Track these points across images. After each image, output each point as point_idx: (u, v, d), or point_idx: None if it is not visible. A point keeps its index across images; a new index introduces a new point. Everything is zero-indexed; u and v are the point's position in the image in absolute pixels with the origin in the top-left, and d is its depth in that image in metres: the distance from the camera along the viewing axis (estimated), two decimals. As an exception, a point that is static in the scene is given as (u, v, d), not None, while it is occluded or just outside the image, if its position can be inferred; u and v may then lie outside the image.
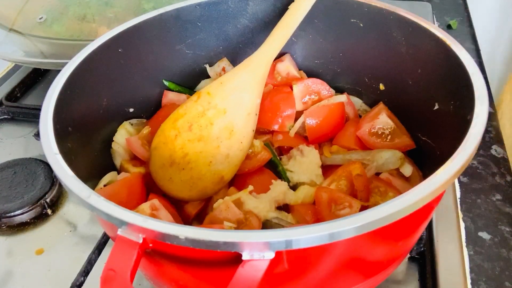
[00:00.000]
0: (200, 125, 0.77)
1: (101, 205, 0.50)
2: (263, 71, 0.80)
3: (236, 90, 0.78)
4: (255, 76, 0.79)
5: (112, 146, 0.80)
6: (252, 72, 0.79)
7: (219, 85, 0.79)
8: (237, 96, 0.78)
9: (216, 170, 0.76)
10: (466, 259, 0.78)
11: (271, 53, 0.80)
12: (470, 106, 0.60)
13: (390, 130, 0.80)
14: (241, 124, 0.78)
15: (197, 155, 0.76)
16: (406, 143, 0.78)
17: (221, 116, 0.77)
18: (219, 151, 0.76)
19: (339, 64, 0.90)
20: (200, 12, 0.86)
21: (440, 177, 0.50)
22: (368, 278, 0.62)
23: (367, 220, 0.46)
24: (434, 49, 0.72)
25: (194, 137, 0.76)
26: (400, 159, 0.76)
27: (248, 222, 0.68)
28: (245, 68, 0.80)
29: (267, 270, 0.46)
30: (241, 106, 0.78)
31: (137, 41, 0.81)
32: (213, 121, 0.77)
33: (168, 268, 0.55)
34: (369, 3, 0.80)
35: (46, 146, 0.58)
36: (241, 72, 0.79)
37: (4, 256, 0.84)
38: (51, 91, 0.66)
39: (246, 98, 0.78)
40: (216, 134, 0.77)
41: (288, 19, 0.81)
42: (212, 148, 0.76)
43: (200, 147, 0.76)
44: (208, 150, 0.76)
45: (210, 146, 0.76)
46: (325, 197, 0.68)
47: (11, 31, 1.13)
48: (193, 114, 0.78)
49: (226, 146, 0.77)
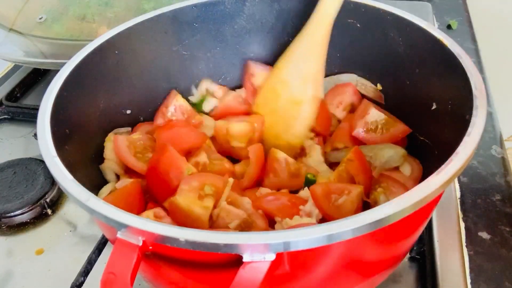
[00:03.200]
0: (272, 99, 0.83)
1: (100, 208, 0.50)
2: (321, 34, 0.79)
3: (294, 59, 0.81)
4: (311, 40, 0.79)
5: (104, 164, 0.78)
6: (308, 37, 0.79)
7: (283, 57, 0.83)
8: (295, 65, 0.81)
9: (283, 139, 0.82)
10: (466, 259, 0.78)
11: (328, 12, 0.78)
12: (468, 105, 0.60)
13: (383, 121, 0.81)
14: (300, 93, 0.80)
15: (269, 128, 0.83)
16: (402, 129, 0.80)
17: (285, 88, 0.81)
18: (284, 121, 0.82)
19: (336, 64, 0.90)
20: (197, 13, 0.86)
21: (439, 177, 0.50)
22: (368, 278, 0.62)
23: (366, 222, 0.46)
24: (431, 49, 0.72)
25: (267, 111, 0.83)
26: (402, 156, 0.76)
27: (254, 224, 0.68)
28: (302, 34, 0.80)
29: (268, 272, 0.46)
30: (299, 75, 0.80)
31: (133, 43, 0.81)
32: (280, 94, 0.82)
33: (168, 271, 0.55)
34: (366, 4, 0.81)
35: (44, 148, 0.58)
36: (299, 39, 0.81)
37: (4, 256, 0.84)
38: (48, 93, 0.66)
39: (302, 66, 0.80)
40: (282, 105, 0.81)
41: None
42: (279, 119, 0.82)
43: (272, 121, 0.83)
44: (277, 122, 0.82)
45: (278, 117, 0.82)
46: (319, 191, 0.69)
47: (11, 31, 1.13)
48: (267, 90, 0.84)
49: (289, 115, 0.81)
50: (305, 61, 0.80)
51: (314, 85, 0.81)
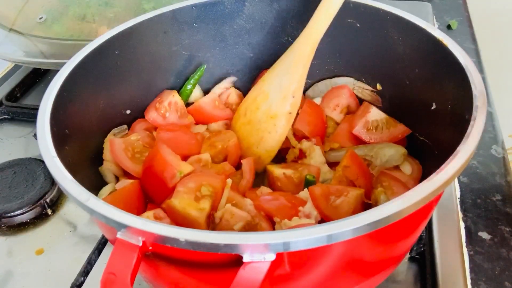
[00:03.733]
0: (251, 110, 0.83)
1: (100, 208, 0.49)
2: (306, 51, 0.79)
3: (279, 73, 0.81)
4: (296, 56, 0.79)
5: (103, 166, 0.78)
6: (294, 53, 0.80)
7: (270, 70, 0.83)
8: (278, 79, 0.80)
9: (254, 151, 0.82)
10: (466, 259, 0.78)
11: (315, 31, 0.78)
12: (468, 105, 0.60)
13: (384, 121, 0.81)
14: (277, 107, 0.80)
15: (243, 138, 0.84)
16: (402, 130, 0.80)
17: (265, 100, 0.81)
18: (258, 133, 0.82)
19: (336, 64, 0.90)
20: (196, 13, 0.86)
21: (439, 177, 0.50)
22: (368, 278, 0.62)
23: (366, 222, 0.46)
24: (431, 49, 0.72)
25: (245, 121, 0.84)
26: (403, 155, 0.76)
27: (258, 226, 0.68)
28: (289, 50, 0.81)
29: (268, 272, 0.46)
30: (280, 89, 0.80)
31: (133, 43, 0.81)
32: (259, 106, 0.82)
33: (168, 271, 0.55)
34: (366, 3, 0.80)
35: (44, 149, 0.58)
36: (286, 55, 0.81)
37: (4, 256, 0.84)
38: (47, 93, 0.66)
39: (284, 81, 0.79)
40: (259, 117, 0.82)
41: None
42: (254, 131, 0.82)
43: (247, 131, 0.83)
44: (251, 133, 0.83)
45: (253, 129, 0.83)
46: (318, 192, 0.69)
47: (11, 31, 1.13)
48: (249, 100, 0.85)
49: (263, 129, 0.81)
50: (287, 77, 0.79)
51: (291, 102, 0.79)
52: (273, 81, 0.81)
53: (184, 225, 0.65)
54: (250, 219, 0.68)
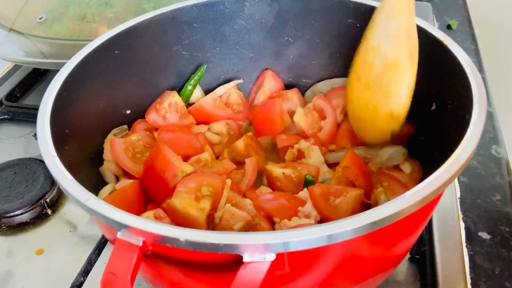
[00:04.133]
0: (365, 72, 0.75)
1: (100, 208, 0.49)
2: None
3: (381, 21, 0.74)
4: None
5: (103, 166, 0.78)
6: None
7: (370, 23, 0.75)
8: (383, 27, 0.73)
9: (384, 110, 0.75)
10: (466, 259, 0.78)
11: None
12: (468, 106, 0.60)
13: None
14: (394, 53, 0.72)
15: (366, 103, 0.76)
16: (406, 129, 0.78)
17: (377, 55, 0.74)
18: (382, 90, 0.74)
19: (336, 64, 0.90)
20: (196, 13, 0.86)
21: (439, 177, 0.50)
22: (368, 278, 0.62)
23: (366, 222, 0.46)
24: (431, 49, 0.72)
25: (363, 85, 0.76)
26: (403, 155, 0.76)
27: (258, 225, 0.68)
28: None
29: (268, 272, 0.46)
30: (388, 35, 0.72)
31: (133, 43, 0.81)
32: (372, 64, 0.74)
33: (168, 271, 0.55)
34: (366, 3, 0.80)
35: (44, 149, 0.58)
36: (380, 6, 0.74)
37: (4, 256, 0.84)
38: (47, 93, 0.66)
39: (391, 24, 0.72)
40: (377, 75, 0.74)
41: None
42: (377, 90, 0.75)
43: (369, 94, 0.76)
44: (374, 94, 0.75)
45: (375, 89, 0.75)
46: (317, 192, 0.69)
47: (11, 31, 1.13)
48: (358, 64, 0.77)
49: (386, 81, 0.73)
50: (394, 18, 0.72)
51: (408, 41, 0.72)
52: (377, 32, 0.74)
53: (184, 225, 0.65)
54: (250, 219, 0.68)
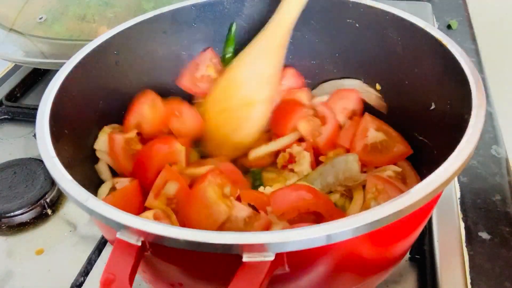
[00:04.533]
0: (225, 98, 0.79)
1: (100, 208, 0.49)
2: (280, 35, 0.77)
3: (251, 59, 0.78)
4: (269, 41, 0.77)
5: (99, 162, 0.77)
6: (267, 38, 0.78)
7: (239, 57, 0.80)
8: (251, 66, 0.78)
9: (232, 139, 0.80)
10: (466, 259, 0.78)
11: (289, 14, 0.77)
12: (467, 105, 0.60)
13: (383, 143, 0.78)
14: (254, 94, 0.77)
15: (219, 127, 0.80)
16: (402, 151, 0.77)
17: (239, 87, 0.78)
18: (235, 121, 0.79)
19: (335, 64, 0.90)
20: (195, 13, 0.86)
21: (438, 177, 0.50)
22: (367, 278, 0.62)
23: (366, 222, 0.46)
24: (430, 49, 0.72)
25: (220, 109, 0.80)
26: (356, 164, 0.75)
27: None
28: (260, 35, 0.79)
29: (267, 272, 0.46)
30: (254, 75, 0.78)
31: (132, 43, 0.81)
32: (233, 94, 0.78)
33: (168, 271, 0.55)
34: (365, 3, 0.80)
35: (43, 149, 0.58)
36: (256, 40, 0.79)
37: (4, 256, 0.84)
38: (47, 93, 0.66)
39: (258, 67, 0.78)
40: (234, 105, 0.78)
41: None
42: (230, 119, 0.79)
43: (223, 119, 0.79)
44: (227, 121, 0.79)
45: (230, 117, 0.79)
46: None
47: (11, 31, 1.13)
48: (221, 88, 0.80)
49: (240, 116, 0.78)
50: (262, 62, 0.77)
51: (269, 87, 0.78)
52: (246, 67, 0.79)
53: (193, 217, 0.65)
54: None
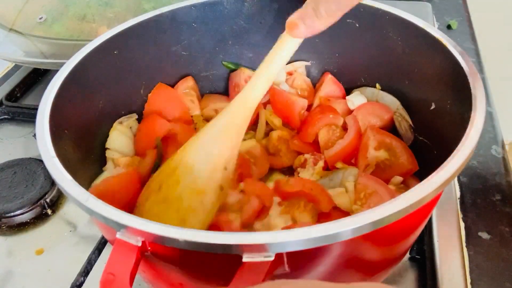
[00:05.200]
0: (169, 185, 0.68)
1: (99, 208, 0.49)
2: (242, 116, 0.70)
3: (207, 141, 0.69)
4: (230, 121, 0.69)
5: (106, 155, 0.77)
6: (226, 117, 0.70)
7: (195, 137, 0.70)
8: (206, 149, 0.69)
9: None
10: (466, 259, 0.78)
11: (252, 96, 0.69)
12: (467, 105, 0.60)
13: (385, 162, 0.76)
14: (205, 181, 0.67)
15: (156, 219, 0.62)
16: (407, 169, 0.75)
17: (188, 173, 0.67)
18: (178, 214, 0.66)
19: (335, 64, 0.90)
20: (195, 13, 0.86)
21: (438, 177, 0.50)
22: (367, 278, 0.62)
23: (366, 222, 0.46)
24: (430, 49, 0.72)
25: (159, 198, 0.67)
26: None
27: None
28: (220, 115, 0.70)
29: (267, 272, 0.46)
30: (209, 161, 0.68)
31: (132, 43, 0.81)
32: (180, 180, 0.67)
33: (168, 271, 0.55)
34: (365, 3, 0.80)
35: (43, 149, 0.58)
36: (217, 121, 0.70)
37: (4, 256, 0.84)
38: (47, 93, 0.66)
39: (214, 150, 0.69)
40: (179, 194, 0.67)
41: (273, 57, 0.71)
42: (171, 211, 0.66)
43: (162, 211, 0.67)
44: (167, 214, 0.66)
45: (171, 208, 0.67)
46: None
47: (11, 31, 1.13)
48: (166, 172, 0.70)
49: (185, 207, 0.66)
50: (217, 145, 0.69)
51: (223, 174, 0.68)
52: (198, 150, 0.69)
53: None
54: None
